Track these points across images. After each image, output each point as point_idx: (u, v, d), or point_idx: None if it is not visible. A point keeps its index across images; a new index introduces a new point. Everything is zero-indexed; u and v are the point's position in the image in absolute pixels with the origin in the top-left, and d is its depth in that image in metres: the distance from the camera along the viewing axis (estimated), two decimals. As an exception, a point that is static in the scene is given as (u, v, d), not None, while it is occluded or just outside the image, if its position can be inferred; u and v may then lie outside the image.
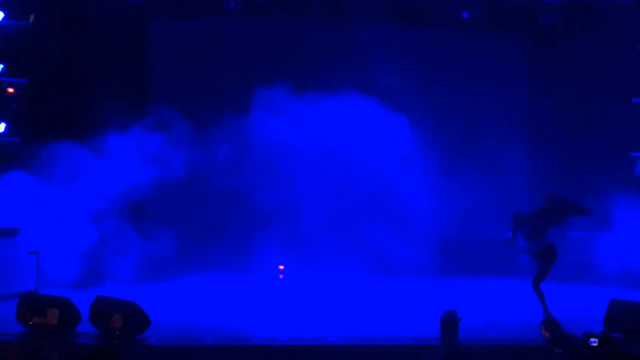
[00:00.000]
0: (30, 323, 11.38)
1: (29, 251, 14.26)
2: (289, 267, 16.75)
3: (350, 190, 16.87)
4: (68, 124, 15.64)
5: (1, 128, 15.66)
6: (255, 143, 16.09)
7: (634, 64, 16.61)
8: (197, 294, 14.87)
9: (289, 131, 16.08)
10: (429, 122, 16.50)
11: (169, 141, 15.51)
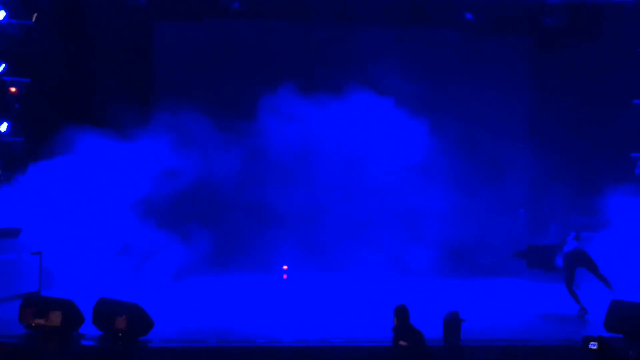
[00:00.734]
0: (32, 325, 11.38)
1: (32, 252, 14.26)
2: (294, 269, 16.74)
3: (356, 191, 16.89)
4: (70, 124, 15.59)
5: (3, 127, 15.65)
6: (262, 146, 16.16)
7: (635, 66, 16.64)
8: (210, 295, 14.82)
9: (297, 134, 16.14)
10: (432, 123, 16.49)
11: (174, 144, 15.56)
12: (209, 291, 15.15)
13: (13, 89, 15.70)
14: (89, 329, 11.30)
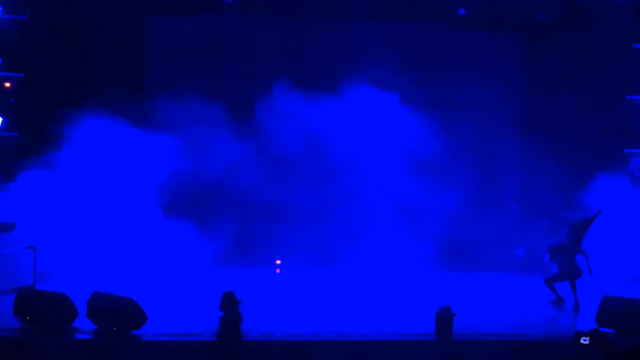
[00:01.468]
0: (27, 318, 11.42)
1: (27, 246, 14.28)
2: (290, 264, 16.74)
3: (351, 186, 16.92)
4: (64, 118, 15.60)
5: (-2, 122, 15.69)
6: (256, 141, 16.19)
7: (628, 61, 16.67)
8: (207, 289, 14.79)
9: (291, 130, 16.18)
10: (425, 119, 16.51)
11: (168, 137, 15.61)
12: (206, 285, 15.13)
13: (7, 84, 15.73)
14: (83, 323, 11.34)
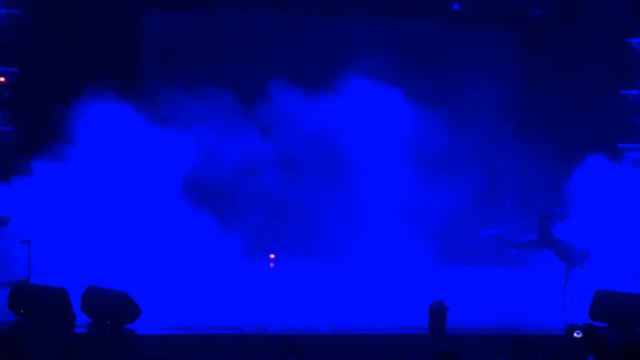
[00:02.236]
0: (21, 312, 11.44)
1: (21, 240, 14.30)
2: (285, 259, 16.76)
3: (346, 181, 16.96)
4: (60, 112, 15.60)
5: (-7, 117, 15.67)
6: (251, 137, 16.23)
7: (622, 56, 16.70)
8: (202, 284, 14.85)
9: (287, 126, 16.21)
10: (420, 114, 16.55)
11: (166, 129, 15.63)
12: (201, 280, 15.16)
13: (2, 79, 15.71)
14: (78, 316, 11.33)
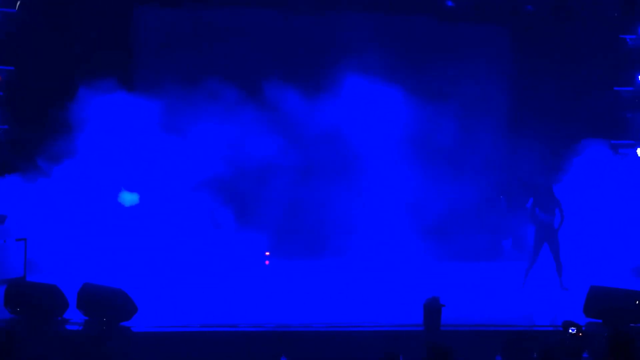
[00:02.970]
0: (17, 309, 11.46)
1: (17, 238, 14.30)
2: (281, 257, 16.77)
3: (342, 177, 16.98)
4: (53, 111, 15.58)
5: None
6: (244, 134, 16.23)
7: (615, 52, 16.73)
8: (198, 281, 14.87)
9: (281, 122, 16.23)
10: (412, 112, 16.57)
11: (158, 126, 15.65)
12: (197, 277, 15.17)
13: (-2, 77, 15.72)
14: (74, 314, 11.38)
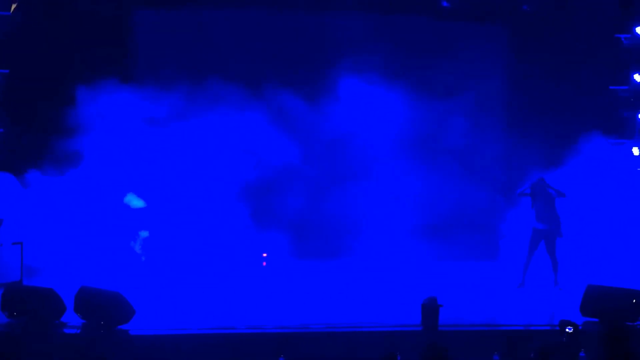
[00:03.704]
0: (14, 313, 11.45)
1: (13, 242, 14.27)
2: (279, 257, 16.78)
3: (339, 176, 17.00)
4: (50, 114, 15.55)
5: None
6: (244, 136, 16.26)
7: (611, 51, 16.74)
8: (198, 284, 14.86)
9: (282, 124, 16.26)
10: (411, 112, 16.60)
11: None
12: (195, 280, 15.15)
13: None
14: (71, 317, 11.37)
